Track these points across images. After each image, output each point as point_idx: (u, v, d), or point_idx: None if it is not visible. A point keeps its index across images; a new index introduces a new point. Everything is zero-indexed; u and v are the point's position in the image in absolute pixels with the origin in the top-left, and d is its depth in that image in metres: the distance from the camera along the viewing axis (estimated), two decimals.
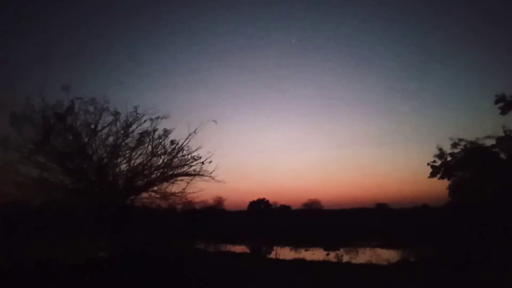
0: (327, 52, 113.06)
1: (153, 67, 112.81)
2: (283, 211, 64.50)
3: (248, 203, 65.73)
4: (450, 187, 17.87)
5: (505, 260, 12.92)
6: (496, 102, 17.03)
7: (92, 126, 14.77)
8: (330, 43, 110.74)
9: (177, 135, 15.48)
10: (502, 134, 16.96)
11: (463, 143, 17.69)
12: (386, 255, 24.19)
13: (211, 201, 47.58)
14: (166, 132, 15.33)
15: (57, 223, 15.50)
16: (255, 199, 65.64)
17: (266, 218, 54.23)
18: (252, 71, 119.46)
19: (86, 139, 14.84)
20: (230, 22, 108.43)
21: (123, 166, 15.43)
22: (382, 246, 31.71)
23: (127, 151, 15.26)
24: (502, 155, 17.21)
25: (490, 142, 17.27)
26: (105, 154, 15.09)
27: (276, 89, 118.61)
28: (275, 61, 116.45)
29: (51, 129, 14.40)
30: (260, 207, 63.82)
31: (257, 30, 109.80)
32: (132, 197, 15.85)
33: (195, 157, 15.42)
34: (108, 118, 15.00)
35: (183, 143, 15.37)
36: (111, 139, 15.12)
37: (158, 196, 15.80)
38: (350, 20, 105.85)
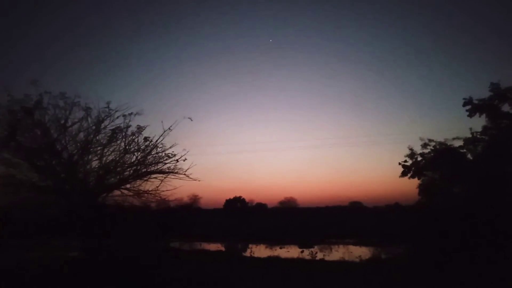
0: (305, 52, 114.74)
1: (127, 63, 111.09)
2: (259, 209, 64.78)
3: (224, 201, 65.68)
4: (419, 187, 18.41)
5: (468, 259, 13.48)
6: (464, 105, 17.66)
7: (62, 122, 14.28)
8: (308, 41, 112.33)
9: (151, 132, 15.22)
10: (469, 135, 17.64)
11: (432, 143, 18.26)
12: (359, 252, 24.75)
13: (186, 199, 47.33)
14: (140, 129, 15.01)
15: (25, 223, 15.01)
16: (232, 197, 65.64)
17: (242, 216, 54.32)
18: (230, 69, 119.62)
19: (55, 135, 14.36)
20: (206, 19, 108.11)
21: (95, 163, 15.05)
22: (355, 244, 32.40)
23: (99, 148, 14.86)
24: (469, 156, 17.89)
25: (458, 143, 17.92)
26: (76, 151, 14.63)
27: (254, 88, 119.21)
28: (253, 58, 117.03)
29: (18, 125, 13.85)
30: (236, 205, 63.80)
31: (235, 28, 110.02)
32: (104, 195, 15.46)
33: (170, 154, 15.17)
34: (79, 114, 14.54)
35: (157, 140, 15.11)
36: (82, 135, 14.67)
37: (131, 194, 15.50)
38: (330, 18, 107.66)
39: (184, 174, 15.37)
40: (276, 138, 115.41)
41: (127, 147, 14.98)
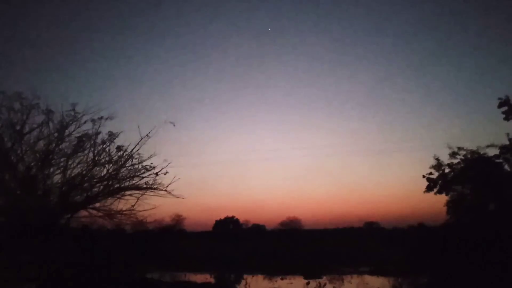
0: (304, 45, 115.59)
1: (97, 58, 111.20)
2: (256, 231, 64.61)
3: (214, 222, 65.51)
4: (448, 204, 18.43)
5: None
6: (499, 106, 17.74)
7: (18, 127, 14.34)
8: (305, 33, 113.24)
9: (126, 139, 15.30)
10: (506, 142, 17.72)
11: (462, 152, 18.32)
12: (377, 283, 24.69)
13: (168, 220, 47.16)
14: (112, 136, 15.15)
15: None
16: (222, 217, 65.51)
17: (236, 240, 54.11)
18: (219, 66, 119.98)
19: (9, 144, 14.41)
20: (189, 15, 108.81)
21: (57, 178, 15.11)
22: (371, 273, 32.33)
23: (62, 159, 14.94)
24: (506, 167, 17.96)
25: (493, 152, 17.99)
26: (34, 163, 14.66)
27: (246, 87, 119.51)
28: (243, 57, 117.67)
29: None
30: (228, 227, 63.69)
31: (226, 20, 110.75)
32: (68, 216, 15.47)
33: (148, 166, 15.30)
34: (38, 118, 14.65)
35: (132, 150, 15.20)
36: (41, 143, 14.77)
37: (101, 214, 15.56)
38: (331, 15, 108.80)
39: (165, 190, 15.47)
40: (273, 146, 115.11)
41: (96, 158, 15.02)
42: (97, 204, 15.45)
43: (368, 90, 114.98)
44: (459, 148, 18.36)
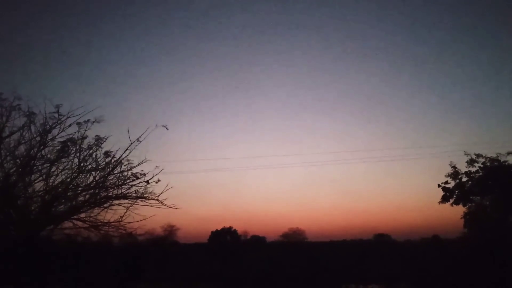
0: (304, 46, 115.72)
1: (83, 58, 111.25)
2: (256, 243, 64.43)
3: (210, 233, 65.34)
4: (465, 216, 18.38)
5: None
6: None
7: None
8: (306, 35, 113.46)
9: (114, 144, 15.14)
10: None
11: (481, 160, 18.28)
12: None
13: (159, 231, 47.02)
14: (99, 141, 14.95)
15: None
16: (219, 228, 65.33)
17: (233, 253, 53.96)
18: (214, 67, 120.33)
19: None
20: (184, 16, 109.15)
21: (39, 186, 14.91)
22: None
23: (45, 166, 14.77)
24: None
25: None
26: (14, 169, 14.53)
27: (244, 91, 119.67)
28: (241, 64, 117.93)
29: None
30: (225, 238, 63.49)
31: (221, 22, 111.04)
32: (51, 227, 15.36)
33: (138, 174, 15.12)
34: (19, 120, 14.47)
35: (121, 156, 15.02)
36: (22, 148, 14.59)
37: (86, 225, 15.41)
38: (331, 22, 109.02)
39: (157, 200, 15.32)
40: (273, 153, 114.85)
41: (81, 165, 14.90)
42: (83, 215, 15.29)
43: (374, 97, 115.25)
44: (478, 155, 18.30)
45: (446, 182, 19.02)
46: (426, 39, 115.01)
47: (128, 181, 15.22)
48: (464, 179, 18.53)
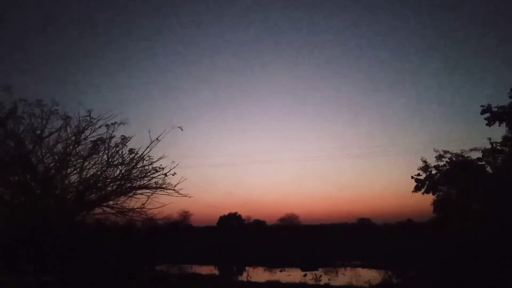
0: (301, 59, 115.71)
1: (111, 69, 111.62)
2: (257, 227, 64.63)
3: (218, 218, 65.51)
4: (434, 203, 18.48)
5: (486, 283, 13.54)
6: (482, 113, 17.79)
7: (38, 132, 14.34)
8: (300, 46, 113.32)
9: (137, 143, 15.26)
10: (488, 146, 17.76)
11: (448, 155, 18.34)
12: (368, 276, 24.76)
13: (176, 217, 47.26)
14: (124, 140, 15.05)
15: None
16: (226, 213, 65.54)
17: (238, 235, 54.14)
18: (222, 78, 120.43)
19: (30, 147, 14.40)
20: (197, 23, 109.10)
21: (73, 178, 15.06)
22: (364, 266, 32.39)
23: (79, 161, 14.90)
24: (488, 169, 18.01)
25: (476, 155, 18.03)
26: (53, 164, 14.67)
27: (248, 97, 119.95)
28: (243, 66, 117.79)
29: None
30: (231, 222, 63.71)
31: (228, 30, 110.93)
32: (83, 213, 15.50)
33: (157, 168, 15.20)
34: (56, 123, 14.60)
35: (143, 152, 15.16)
36: (60, 146, 14.72)
37: (114, 212, 15.51)
38: (329, 19, 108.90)
39: (173, 190, 15.41)
40: (272, 150, 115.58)
41: (110, 160, 15.02)
42: (111, 202, 15.40)
43: (359, 100, 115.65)
44: (445, 152, 18.39)
45: (418, 174, 19.10)
46: (400, 52, 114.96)
47: (149, 174, 15.34)
48: (434, 171, 18.61)
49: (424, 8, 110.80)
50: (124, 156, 15.15)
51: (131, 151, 15.10)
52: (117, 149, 15.07)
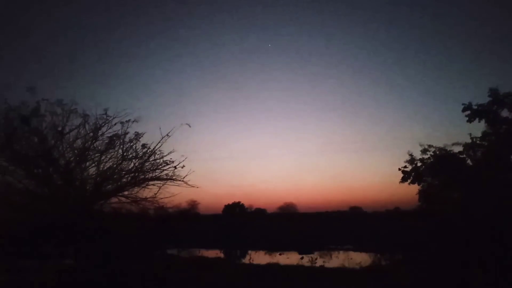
0: (296, 60, 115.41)
1: (125, 70, 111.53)
2: (258, 214, 64.57)
3: (223, 206, 65.45)
4: (419, 192, 18.30)
5: (465, 265, 13.40)
6: (463, 110, 17.59)
7: (59, 129, 14.19)
8: (297, 50, 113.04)
9: (149, 139, 15.12)
10: (469, 141, 17.57)
11: (432, 149, 18.14)
12: (359, 258, 24.65)
13: (185, 205, 47.15)
14: (138, 136, 14.91)
15: (20, 230, 14.88)
16: (230, 202, 65.47)
17: (241, 222, 54.11)
18: (227, 76, 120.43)
19: (52, 142, 14.28)
20: (203, 27, 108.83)
21: (92, 170, 14.96)
22: (355, 250, 32.29)
23: (96, 155, 14.78)
24: (469, 162, 17.82)
25: (457, 149, 17.84)
26: (73, 158, 14.56)
27: (249, 99, 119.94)
28: (246, 68, 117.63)
29: (14, 132, 13.80)
30: (235, 210, 63.65)
31: (231, 36, 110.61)
32: (101, 202, 15.40)
33: (168, 161, 15.06)
34: (76, 121, 14.45)
35: (155, 147, 15.01)
36: (79, 142, 14.58)
37: (128, 201, 15.42)
38: (318, 25, 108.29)
39: (182, 181, 15.28)
40: (273, 145, 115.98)
41: (124, 154, 14.89)
42: (126, 192, 15.31)
43: (351, 100, 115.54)
44: (429, 146, 18.17)
45: (405, 167, 18.88)
46: (387, 56, 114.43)
47: (160, 166, 15.22)
48: (419, 164, 18.38)
49: (409, 8, 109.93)
50: (138, 150, 15.05)
51: (143, 146, 15.00)
52: (131, 144, 14.97)
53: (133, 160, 15.06)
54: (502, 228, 13.96)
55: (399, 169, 19.24)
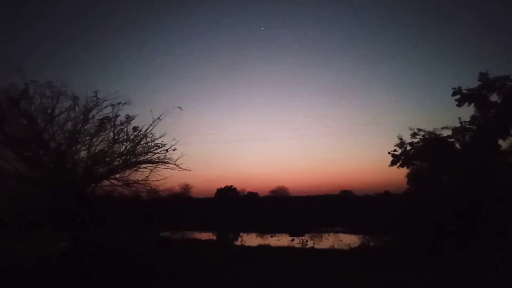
0: (287, 44, 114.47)
1: (116, 51, 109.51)
2: (251, 198, 64.98)
3: (216, 190, 65.74)
4: (409, 175, 18.63)
5: (454, 247, 13.79)
6: (453, 95, 17.81)
7: (49, 111, 14.02)
8: (289, 33, 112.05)
9: (140, 122, 15.08)
10: (458, 125, 17.83)
11: (421, 133, 18.41)
12: (349, 240, 25.11)
13: (177, 189, 47.32)
14: (129, 119, 14.84)
15: (13, 214, 14.87)
16: (223, 186, 65.72)
17: (234, 205, 54.50)
18: (218, 60, 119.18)
19: (42, 125, 14.12)
20: (194, 10, 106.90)
21: (83, 153, 14.85)
22: (345, 232, 32.86)
23: (87, 138, 14.67)
24: (457, 145, 18.12)
25: (446, 133, 18.11)
26: (63, 141, 14.43)
27: (242, 79, 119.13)
28: (237, 51, 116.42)
29: (4, 115, 13.62)
30: (227, 194, 63.95)
31: (221, 18, 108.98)
32: (93, 185, 15.36)
33: (159, 144, 15.04)
34: (66, 103, 14.27)
35: (146, 130, 14.96)
36: (69, 124, 14.45)
37: (120, 184, 15.39)
38: (310, 10, 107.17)
39: (174, 164, 15.30)
40: (265, 129, 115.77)
41: (116, 137, 14.84)
42: (117, 175, 15.27)
43: (342, 84, 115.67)
44: (419, 130, 18.45)
45: (395, 150, 19.19)
46: (378, 41, 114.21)
47: (152, 149, 15.18)
48: (408, 148, 18.69)
49: None
50: (129, 133, 14.99)
51: (135, 129, 14.94)
52: (122, 127, 14.90)
53: (125, 143, 15.02)
54: (488, 211, 14.33)
55: (389, 153, 19.53)
